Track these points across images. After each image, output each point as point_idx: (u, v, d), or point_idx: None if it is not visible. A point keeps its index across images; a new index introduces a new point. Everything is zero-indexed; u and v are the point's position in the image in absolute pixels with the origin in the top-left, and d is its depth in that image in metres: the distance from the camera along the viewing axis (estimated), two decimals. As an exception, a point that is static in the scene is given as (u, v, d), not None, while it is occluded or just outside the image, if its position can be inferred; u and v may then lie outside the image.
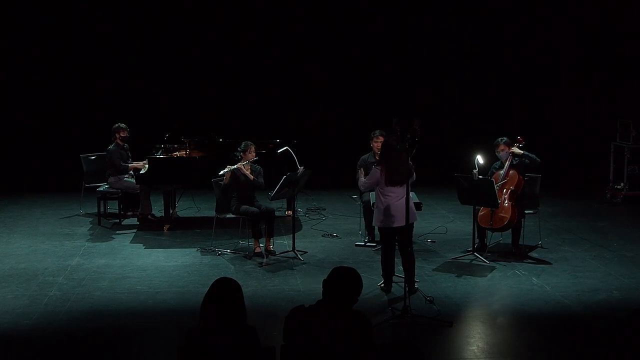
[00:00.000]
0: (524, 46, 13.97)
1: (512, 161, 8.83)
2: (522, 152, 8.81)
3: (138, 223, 10.40)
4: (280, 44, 13.77)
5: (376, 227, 9.32)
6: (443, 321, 6.76)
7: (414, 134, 6.95)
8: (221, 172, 8.97)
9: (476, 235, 8.88)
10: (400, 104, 13.87)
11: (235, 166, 8.95)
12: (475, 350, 6.25)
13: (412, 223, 7.53)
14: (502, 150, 8.89)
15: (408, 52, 13.96)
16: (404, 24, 13.88)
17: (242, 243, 9.22)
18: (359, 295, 4.29)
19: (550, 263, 8.62)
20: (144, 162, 10.20)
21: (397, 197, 7.30)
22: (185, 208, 11.34)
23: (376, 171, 7.52)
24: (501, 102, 14.03)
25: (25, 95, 13.44)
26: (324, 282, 4.28)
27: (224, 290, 4.10)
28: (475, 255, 8.71)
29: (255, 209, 8.94)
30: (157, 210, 10.77)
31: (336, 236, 9.84)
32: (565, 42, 13.80)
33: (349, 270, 4.33)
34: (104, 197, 10.52)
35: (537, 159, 8.86)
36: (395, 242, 7.54)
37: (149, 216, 10.57)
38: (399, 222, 7.28)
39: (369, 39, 13.88)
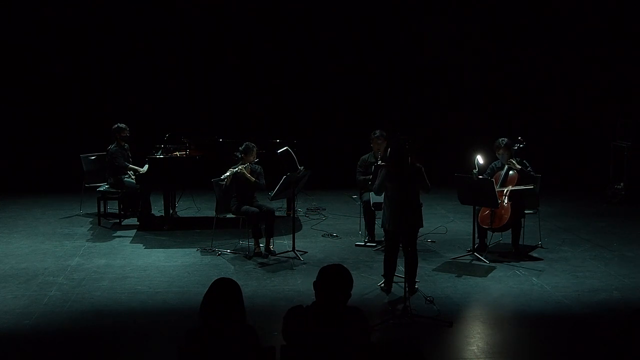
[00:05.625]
0: (524, 46, 13.97)
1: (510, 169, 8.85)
2: (519, 167, 8.80)
3: (138, 223, 10.40)
4: (281, 44, 13.77)
5: (376, 227, 9.40)
6: (443, 321, 6.76)
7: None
8: (223, 177, 8.96)
9: (476, 235, 8.89)
10: (401, 105, 13.92)
11: (236, 169, 8.94)
12: (475, 350, 6.25)
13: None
14: (503, 152, 8.89)
15: (408, 52, 13.97)
16: (404, 25, 13.88)
17: (242, 243, 9.22)
18: (351, 290, 4.27)
19: (550, 263, 8.62)
20: (144, 168, 10.19)
21: (400, 199, 7.30)
22: (185, 208, 11.34)
23: (383, 170, 7.61)
24: (501, 102, 14.02)
25: (25, 95, 13.43)
26: (314, 283, 4.27)
27: (224, 291, 4.10)
28: (475, 255, 8.71)
29: (255, 209, 8.94)
30: (157, 210, 10.77)
31: (336, 236, 9.84)
32: (565, 42, 13.80)
33: (336, 267, 4.31)
34: (104, 197, 10.51)
35: (533, 176, 8.91)
36: (400, 243, 7.53)
37: (149, 216, 10.56)
38: (401, 225, 7.29)
39: (369, 38, 13.89)
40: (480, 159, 8.85)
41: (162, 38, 13.50)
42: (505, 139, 8.94)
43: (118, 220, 10.46)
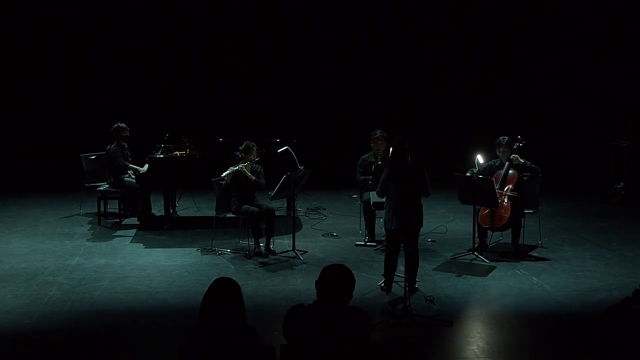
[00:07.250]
0: (523, 46, 13.97)
1: (510, 168, 8.84)
2: (522, 161, 8.81)
3: (138, 223, 10.40)
4: (281, 44, 13.77)
5: (376, 227, 9.40)
6: (443, 321, 6.77)
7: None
8: (223, 174, 8.97)
9: (476, 234, 8.88)
10: (400, 104, 13.92)
11: (237, 167, 8.95)
12: (475, 350, 6.26)
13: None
14: (504, 150, 8.88)
15: (407, 52, 13.97)
16: (404, 25, 13.89)
17: (242, 243, 9.22)
18: (352, 290, 4.28)
19: (550, 263, 8.62)
20: (144, 168, 10.20)
21: (402, 199, 7.31)
22: (185, 208, 11.34)
23: (385, 171, 7.61)
24: (501, 102, 14.02)
25: (25, 95, 13.43)
26: (316, 283, 4.28)
27: (224, 290, 4.11)
28: (475, 255, 8.71)
29: (256, 208, 8.94)
30: (157, 209, 10.77)
31: (336, 236, 9.84)
32: (565, 42, 13.80)
33: (338, 267, 4.33)
34: (104, 196, 10.51)
35: (536, 168, 8.90)
36: (401, 243, 7.53)
37: (149, 216, 10.55)
38: (403, 225, 7.29)
39: (368, 38, 13.89)
40: (480, 159, 8.85)
41: (162, 38, 13.50)
42: (507, 137, 8.93)
43: (118, 220, 10.46)
